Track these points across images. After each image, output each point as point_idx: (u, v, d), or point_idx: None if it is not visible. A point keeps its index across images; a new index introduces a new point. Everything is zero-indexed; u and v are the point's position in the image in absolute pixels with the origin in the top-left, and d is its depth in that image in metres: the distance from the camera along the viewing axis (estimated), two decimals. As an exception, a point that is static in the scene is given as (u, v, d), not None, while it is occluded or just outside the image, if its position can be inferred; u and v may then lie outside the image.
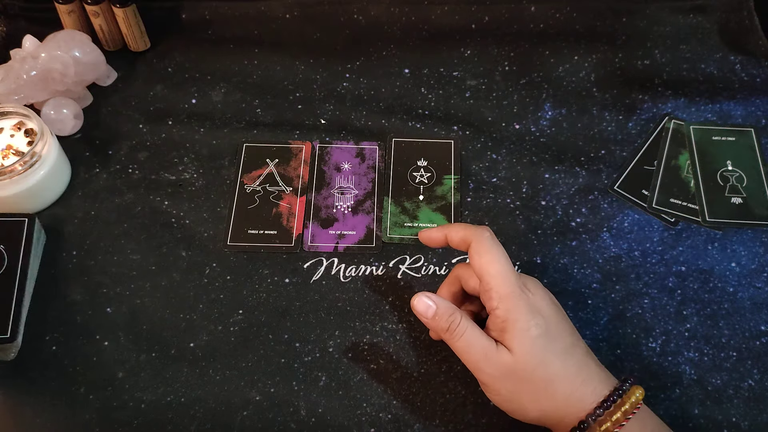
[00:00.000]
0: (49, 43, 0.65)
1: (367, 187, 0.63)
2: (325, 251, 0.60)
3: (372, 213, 0.62)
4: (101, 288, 0.58)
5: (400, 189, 0.63)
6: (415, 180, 0.63)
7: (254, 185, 0.62)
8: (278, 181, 0.62)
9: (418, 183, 0.63)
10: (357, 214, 0.62)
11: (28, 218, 0.58)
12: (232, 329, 0.56)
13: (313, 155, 0.65)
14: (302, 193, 0.62)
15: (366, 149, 0.65)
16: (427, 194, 0.63)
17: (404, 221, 0.61)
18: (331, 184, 0.63)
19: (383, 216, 0.61)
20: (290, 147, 0.64)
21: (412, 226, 0.61)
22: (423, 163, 0.64)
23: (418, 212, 0.62)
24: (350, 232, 0.61)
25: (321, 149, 0.65)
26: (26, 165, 0.59)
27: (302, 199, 0.61)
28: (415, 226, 0.61)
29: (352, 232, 0.61)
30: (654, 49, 0.72)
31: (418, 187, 0.63)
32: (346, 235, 0.60)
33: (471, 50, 0.73)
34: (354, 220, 0.61)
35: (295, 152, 0.64)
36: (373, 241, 0.60)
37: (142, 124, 0.68)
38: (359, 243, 0.60)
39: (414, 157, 0.65)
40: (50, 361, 0.54)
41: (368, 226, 0.61)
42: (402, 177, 0.64)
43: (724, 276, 0.58)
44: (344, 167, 0.64)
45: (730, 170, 0.64)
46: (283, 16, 0.75)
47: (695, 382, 0.53)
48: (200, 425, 0.52)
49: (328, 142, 0.66)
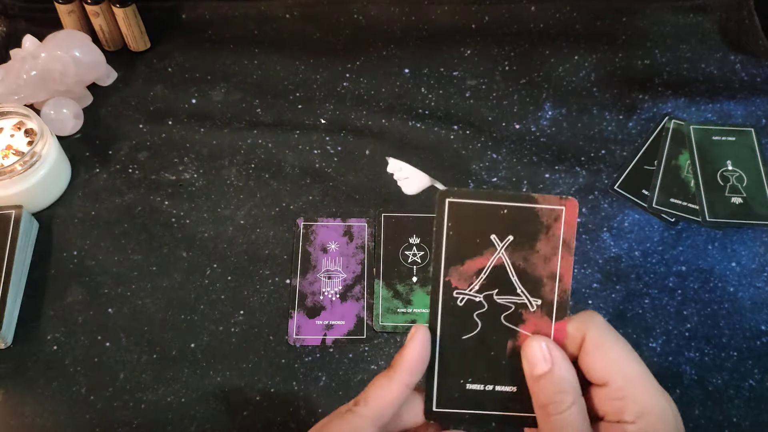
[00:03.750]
0: (49, 43, 0.65)
1: (356, 270, 0.58)
2: (312, 344, 0.55)
3: (362, 299, 0.57)
4: (102, 288, 0.58)
5: (391, 270, 0.58)
6: (408, 259, 0.59)
7: (470, 290, 0.35)
8: (514, 282, 0.35)
9: (410, 263, 0.58)
10: (346, 301, 0.57)
11: (15, 209, 0.58)
12: (232, 330, 0.56)
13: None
14: (559, 315, 0.35)
15: (354, 227, 0.61)
16: (421, 275, 0.58)
17: (397, 306, 0.56)
18: (317, 267, 0.59)
19: (374, 302, 0.57)
20: (533, 208, 0.34)
21: (405, 312, 0.56)
22: (415, 240, 0.60)
23: (412, 296, 0.57)
24: (339, 321, 0.56)
25: (306, 227, 0.61)
26: (26, 165, 0.58)
27: (560, 325, 0.35)
28: (410, 311, 0.56)
29: (341, 321, 0.56)
30: (654, 49, 0.72)
31: (411, 267, 0.58)
32: (335, 325, 0.56)
33: (471, 50, 0.73)
34: (343, 308, 0.57)
35: (544, 218, 0.34)
36: (363, 332, 0.56)
37: (142, 124, 0.68)
38: (349, 334, 0.56)
39: (405, 233, 0.60)
40: (50, 361, 0.54)
41: (358, 315, 0.56)
42: (393, 256, 0.59)
43: (724, 276, 0.58)
44: (331, 248, 0.60)
45: (730, 170, 0.64)
46: (283, 16, 0.75)
47: (696, 382, 0.53)
48: (200, 425, 0.52)
49: (314, 220, 0.61)
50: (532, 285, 0.35)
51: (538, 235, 0.34)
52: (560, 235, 0.34)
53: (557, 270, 0.34)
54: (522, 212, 0.34)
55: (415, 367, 0.34)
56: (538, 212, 0.34)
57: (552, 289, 0.35)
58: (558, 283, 0.34)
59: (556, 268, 0.34)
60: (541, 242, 0.34)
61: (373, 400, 0.34)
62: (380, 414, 0.33)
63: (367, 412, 0.33)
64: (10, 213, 0.58)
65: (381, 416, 0.33)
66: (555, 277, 0.34)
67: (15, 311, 0.56)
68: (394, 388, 0.34)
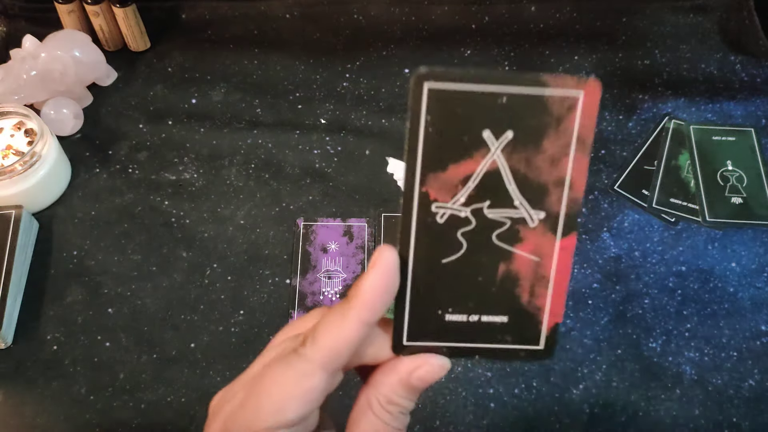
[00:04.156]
0: (49, 43, 0.65)
1: (356, 270, 0.59)
2: None
3: None
4: (102, 288, 0.58)
5: None
6: None
7: (453, 203, 0.28)
8: (511, 191, 0.28)
9: None
10: None
11: (15, 209, 0.58)
12: (232, 330, 0.56)
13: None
14: (567, 230, 0.28)
15: (354, 227, 0.61)
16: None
17: None
18: (317, 267, 0.59)
19: None
20: (541, 95, 0.27)
21: None
22: None
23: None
24: None
25: (306, 227, 0.61)
26: (26, 165, 0.58)
27: (567, 242, 0.29)
28: None
29: None
30: (654, 49, 0.72)
31: None
32: None
33: (471, 50, 0.73)
34: None
35: (555, 107, 0.27)
36: None
37: (142, 124, 0.68)
38: None
39: None
40: (51, 361, 0.54)
41: None
42: None
43: (724, 276, 0.58)
44: (331, 248, 0.60)
45: (730, 170, 0.64)
46: (283, 16, 0.75)
47: (696, 382, 0.53)
48: (200, 425, 0.52)
49: (314, 220, 0.61)
50: (535, 194, 0.27)
51: (545, 130, 0.27)
52: (574, 129, 0.27)
53: (567, 174, 0.27)
54: (526, 100, 0.26)
55: (377, 300, 0.27)
56: (547, 100, 0.26)
57: (559, 198, 0.28)
58: (568, 190, 0.28)
59: (566, 171, 0.27)
60: (549, 139, 0.27)
61: (323, 339, 0.27)
62: (331, 357, 0.27)
63: (314, 355, 0.27)
64: (10, 213, 0.58)
65: (332, 360, 0.27)
66: (563, 184, 0.27)
67: (15, 311, 0.56)
68: (349, 327, 0.27)
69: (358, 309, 0.27)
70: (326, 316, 0.27)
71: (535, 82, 0.26)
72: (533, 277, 0.29)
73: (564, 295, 0.29)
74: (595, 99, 0.27)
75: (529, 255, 0.28)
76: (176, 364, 0.54)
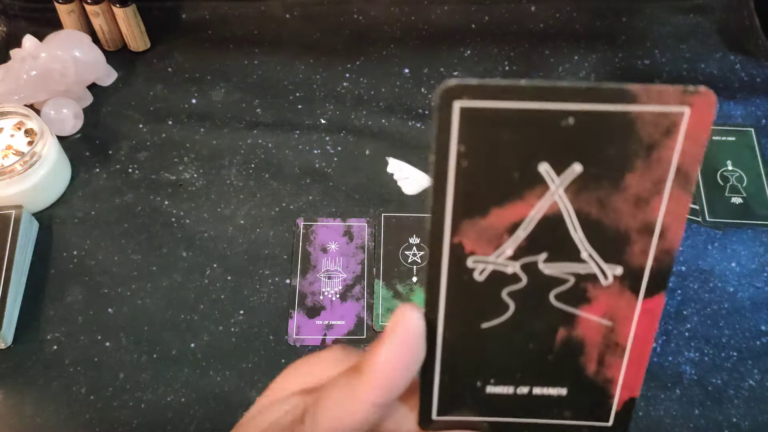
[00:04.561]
0: (49, 43, 0.65)
1: (356, 270, 0.58)
2: (312, 344, 0.55)
3: (362, 300, 0.57)
4: (102, 288, 0.58)
5: (391, 270, 0.58)
6: (408, 259, 0.58)
7: (497, 256, 0.22)
8: (578, 241, 0.22)
9: (410, 263, 0.58)
10: (346, 301, 0.57)
11: (15, 209, 0.58)
12: (232, 330, 0.56)
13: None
14: (653, 289, 0.23)
15: (354, 227, 0.61)
16: (421, 275, 0.58)
17: (397, 307, 0.55)
18: (317, 267, 0.59)
19: (374, 302, 0.57)
20: (627, 112, 0.20)
21: None
22: (415, 240, 0.59)
23: (412, 296, 0.57)
24: (339, 321, 0.56)
25: (306, 227, 0.61)
26: (26, 165, 0.58)
27: (652, 303, 0.23)
28: None
29: (341, 321, 0.56)
30: (654, 49, 0.72)
31: (411, 267, 0.58)
32: (335, 325, 0.56)
33: (471, 50, 0.73)
34: (343, 308, 0.57)
35: (647, 130, 0.20)
36: (364, 332, 0.56)
37: (142, 124, 0.68)
38: (349, 334, 0.55)
39: (405, 233, 0.60)
40: (50, 361, 0.54)
41: (358, 315, 0.56)
42: (393, 256, 0.59)
43: (724, 276, 0.58)
44: (331, 248, 0.60)
45: (730, 170, 0.64)
46: (283, 16, 0.75)
47: (695, 382, 0.53)
48: (200, 425, 0.52)
49: (314, 220, 0.61)
50: (610, 244, 0.21)
51: (630, 162, 0.20)
52: (673, 159, 0.20)
53: (658, 218, 0.21)
54: (603, 121, 0.19)
55: (395, 378, 0.21)
56: (635, 120, 0.20)
57: (645, 249, 0.21)
58: (657, 239, 0.21)
59: (657, 215, 0.21)
60: (635, 174, 0.20)
61: (325, 420, 0.22)
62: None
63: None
64: (10, 213, 0.58)
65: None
66: (652, 231, 0.21)
67: (15, 311, 0.56)
68: (358, 409, 0.21)
69: (371, 388, 0.21)
70: (332, 388, 0.22)
71: (618, 95, 0.19)
72: (603, 345, 0.23)
73: (644, 366, 0.24)
74: (706, 118, 0.21)
75: (599, 318, 0.23)
76: (176, 364, 0.54)
